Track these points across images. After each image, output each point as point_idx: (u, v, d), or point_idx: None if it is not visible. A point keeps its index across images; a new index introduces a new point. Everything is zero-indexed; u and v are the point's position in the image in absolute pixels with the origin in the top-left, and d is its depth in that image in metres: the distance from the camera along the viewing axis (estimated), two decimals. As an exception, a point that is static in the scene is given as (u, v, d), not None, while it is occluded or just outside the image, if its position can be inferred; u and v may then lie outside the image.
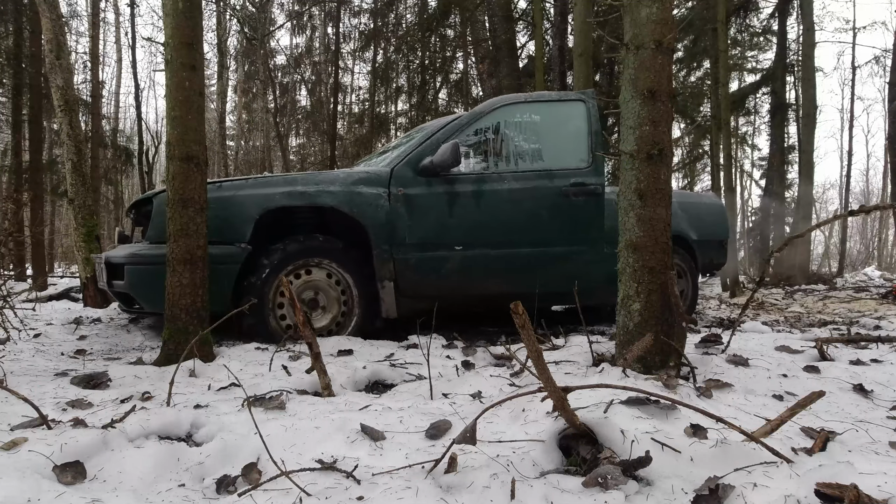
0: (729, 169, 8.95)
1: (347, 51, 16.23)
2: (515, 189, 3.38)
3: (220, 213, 2.92)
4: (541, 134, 3.52)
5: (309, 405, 1.77)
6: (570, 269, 3.40)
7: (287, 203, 3.03)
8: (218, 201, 2.94)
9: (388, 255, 3.17)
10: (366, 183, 3.21)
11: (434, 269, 3.27)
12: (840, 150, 29.63)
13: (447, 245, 3.28)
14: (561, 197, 3.41)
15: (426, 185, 3.27)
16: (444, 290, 3.31)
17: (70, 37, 14.66)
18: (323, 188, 3.11)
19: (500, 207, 3.35)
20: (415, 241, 3.21)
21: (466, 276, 3.32)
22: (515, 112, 3.52)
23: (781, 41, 12.54)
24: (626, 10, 2.14)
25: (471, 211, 3.32)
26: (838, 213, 13.83)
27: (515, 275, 3.39)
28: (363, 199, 3.15)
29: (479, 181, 3.36)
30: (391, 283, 3.19)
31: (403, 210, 3.20)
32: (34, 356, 2.73)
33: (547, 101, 3.61)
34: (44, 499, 1.11)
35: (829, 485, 1.07)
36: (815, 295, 7.23)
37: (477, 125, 3.46)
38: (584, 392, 1.52)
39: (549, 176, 3.44)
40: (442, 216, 3.27)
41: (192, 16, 2.48)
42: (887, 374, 2.09)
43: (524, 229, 3.38)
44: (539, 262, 3.40)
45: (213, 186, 2.98)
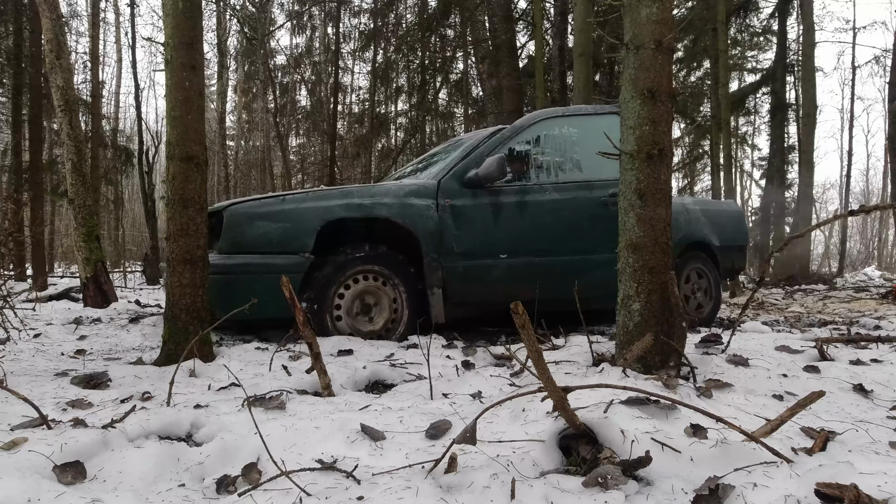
0: (729, 169, 8.95)
1: (347, 51, 16.24)
2: (557, 199, 3.55)
3: (284, 224, 3.06)
4: (579, 146, 3.69)
5: (309, 405, 1.77)
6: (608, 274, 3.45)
7: (346, 214, 3.15)
8: (282, 214, 3.08)
9: (437, 263, 3.30)
10: (416, 195, 3.35)
11: (480, 277, 3.40)
12: (840, 150, 29.65)
13: (492, 254, 3.42)
14: (601, 207, 3.57)
15: (472, 197, 3.42)
16: (490, 297, 3.46)
17: (70, 37, 14.66)
18: (378, 200, 3.25)
19: (542, 217, 3.51)
20: (462, 250, 3.35)
21: (511, 283, 3.44)
22: (554, 125, 3.71)
23: (781, 41, 12.55)
24: (626, 10, 2.14)
25: (515, 221, 3.47)
26: (838, 212, 13.84)
27: (557, 281, 3.49)
28: (414, 210, 3.28)
29: (522, 192, 3.52)
30: (440, 290, 3.31)
31: (451, 220, 3.34)
32: (34, 356, 2.73)
33: (584, 115, 3.81)
34: (44, 499, 1.11)
35: (829, 485, 1.07)
36: (815, 295, 7.23)
37: (519, 138, 3.62)
38: (584, 392, 1.52)
39: (588, 187, 3.62)
40: (487, 226, 3.42)
41: (192, 16, 2.48)
42: (887, 374, 2.09)
43: (566, 238, 3.54)
44: (580, 269, 3.51)
45: (277, 200, 3.17)
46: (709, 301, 4.31)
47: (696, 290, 4.24)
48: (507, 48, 9.53)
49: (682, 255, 4.10)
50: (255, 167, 20.28)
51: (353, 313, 3.21)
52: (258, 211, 3.10)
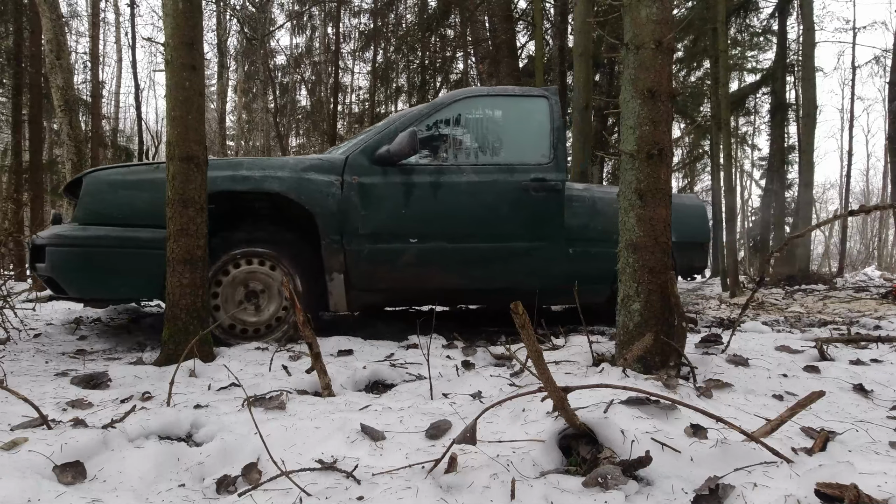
0: (729, 169, 8.95)
1: (347, 51, 16.25)
2: (474, 182, 3.29)
3: (153, 194, 2.72)
4: (502, 128, 3.46)
5: (309, 405, 1.77)
6: (527, 265, 3.36)
7: (230, 188, 2.86)
8: (153, 183, 2.77)
9: (338, 245, 3.03)
10: (317, 170, 3.06)
11: (388, 262, 3.15)
12: (840, 150, 29.67)
13: (402, 237, 3.15)
14: (520, 192, 3.33)
15: (382, 175, 3.15)
16: (398, 284, 3.21)
17: (70, 37, 14.66)
18: (269, 173, 2.96)
19: (457, 200, 3.24)
20: (368, 231, 3.08)
21: (421, 269, 3.20)
22: (477, 105, 3.44)
23: (781, 41, 12.55)
24: (626, 10, 2.14)
25: (427, 203, 3.20)
26: (838, 213, 13.85)
27: (472, 269, 3.29)
28: (313, 186, 2.99)
29: (437, 172, 3.25)
30: (341, 275, 3.06)
31: (357, 199, 3.07)
32: (34, 356, 2.73)
33: (510, 96, 3.56)
34: (44, 499, 1.11)
35: (830, 485, 1.07)
36: (815, 295, 7.23)
37: (437, 116, 3.36)
38: (584, 392, 1.52)
39: (509, 170, 3.36)
40: (397, 207, 3.15)
41: (192, 16, 2.48)
42: (887, 374, 2.09)
43: (482, 223, 3.28)
44: (496, 258, 3.32)
45: (150, 167, 2.87)
46: None
47: None
48: (506, 48, 9.53)
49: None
50: (255, 167, 20.23)
51: (236, 302, 2.94)
52: (125, 178, 2.81)
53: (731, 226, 8.94)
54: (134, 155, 12.58)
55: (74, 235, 2.72)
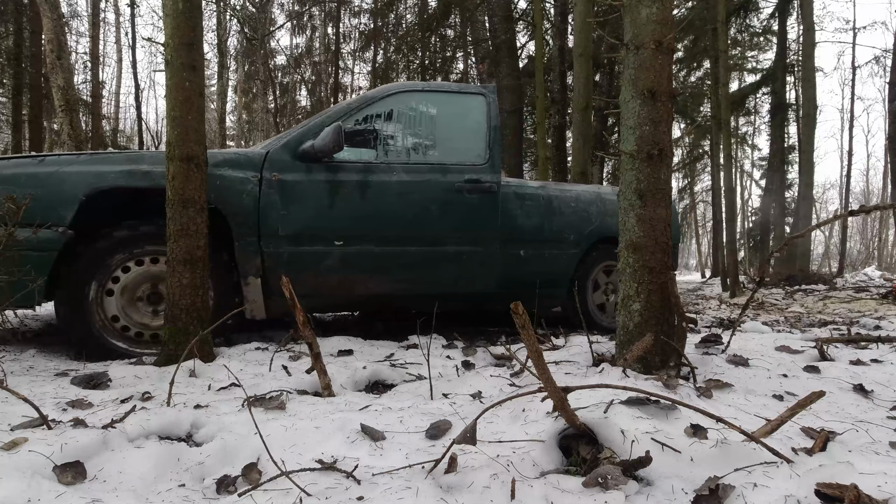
0: (729, 169, 8.95)
1: (347, 51, 16.26)
2: (405, 181, 3.12)
3: (39, 191, 2.52)
4: (437, 126, 3.30)
5: (309, 405, 1.77)
6: (459, 269, 3.23)
7: (124, 184, 2.62)
8: (34, 177, 2.55)
9: (254, 248, 2.83)
10: (232, 165, 2.84)
11: (310, 266, 2.95)
12: (840, 150, 29.67)
13: (326, 239, 2.97)
14: (453, 193, 3.18)
15: (305, 172, 2.96)
16: (322, 289, 3.03)
17: (70, 37, 14.67)
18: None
19: (386, 200, 3.07)
20: (288, 233, 2.89)
21: (347, 274, 3.03)
22: (411, 100, 3.27)
23: (781, 41, 12.56)
24: (626, 10, 2.14)
25: (354, 203, 3.02)
26: (838, 213, 13.84)
27: (401, 274, 3.15)
28: (225, 182, 2.79)
29: (366, 171, 3.07)
30: (258, 279, 2.86)
31: (277, 198, 2.87)
32: (34, 356, 2.73)
33: (446, 92, 3.42)
34: (44, 499, 1.11)
35: (830, 485, 1.07)
36: (815, 295, 7.23)
37: (368, 111, 3.17)
38: (585, 392, 1.52)
39: (442, 170, 3.20)
40: (321, 207, 2.96)
41: (192, 16, 2.48)
42: (887, 374, 2.09)
43: (412, 225, 3.12)
44: (427, 262, 3.17)
45: (33, 161, 2.64)
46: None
47: (609, 292, 3.84)
48: (507, 48, 9.53)
49: (590, 253, 3.69)
50: (255, 167, 20.26)
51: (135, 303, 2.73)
52: (2, 173, 2.57)
53: (731, 226, 8.95)
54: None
55: None
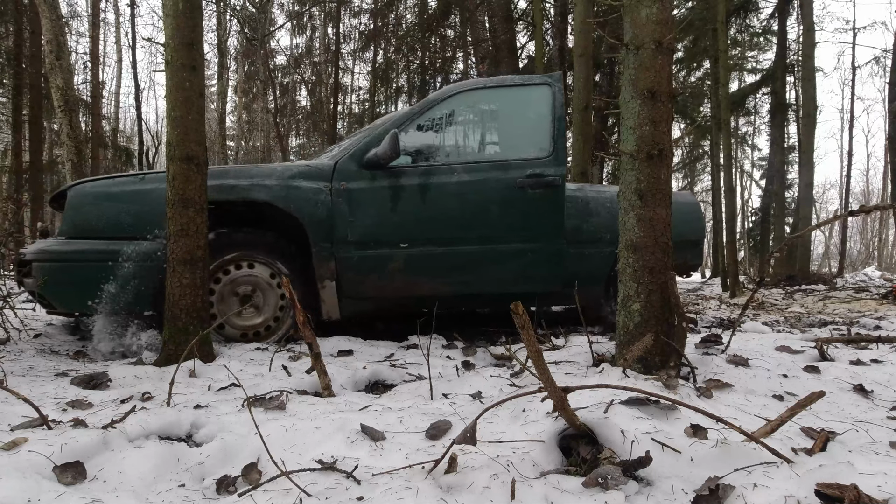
0: (729, 169, 8.96)
1: (347, 51, 16.26)
2: (465, 182, 3.14)
3: (140, 206, 2.75)
4: (499, 122, 3.34)
5: (309, 405, 1.77)
6: (522, 268, 3.20)
7: (216, 197, 2.79)
8: (137, 195, 2.77)
9: (328, 253, 2.98)
10: (305, 177, 3.00)
11: (377, 269, 3.07)
12: (840, 151, 29.69)
13: (391, 243, 3.06)
14: (515, 189, 3.15)
15: (370, 179, 3.06)
16: (389, 291, 3.13)
17: (70, 37, 14.67)
18: (257, 182, 2.91)
19: (447, 202, 3.12)
20: (357, 238, 3.02)
21: (412, 275, 3.11)
22: (472, 99, 3.32)
23: (781, 41, 12.55)
24: (626, 10, 2.14)
25: (417, 206, 3.10)
26: (838, 213, 13.84)
27: (463, 275, 3.17)
28: (301, 193, 2.95)
29: (427, 174, 3.13)
30: (332, 282, 3.01)
31: (345, 206, 3.00)
32: (34, 356, 2.73)
33: (509, 87, 3.36)
34: (44, 499, 1.11)
35: (830, 485, 1.07)
36: (815, 295, 7.23)
37: (429, 114, 3.22)
38: (585, 392, 1.52)
39: (503, 167, 3.19)
40: (386, 211, 3.06)
41: (192, 16, 2.48)
42: (887, 375, 2.09)
43: (473, 225, 3.14)
44: (489, 261, 3.17)
45: (135, 179, 2.85)
46: None
47: None
48: (507, 48, 9.53)
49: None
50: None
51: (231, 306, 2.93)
52: (108, 191, 2.78)
53: (732, 226, 8.95)
54: (134, 155, 12.58)
55: (60, 250, 2.69)
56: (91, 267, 2.68)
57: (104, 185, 2.84)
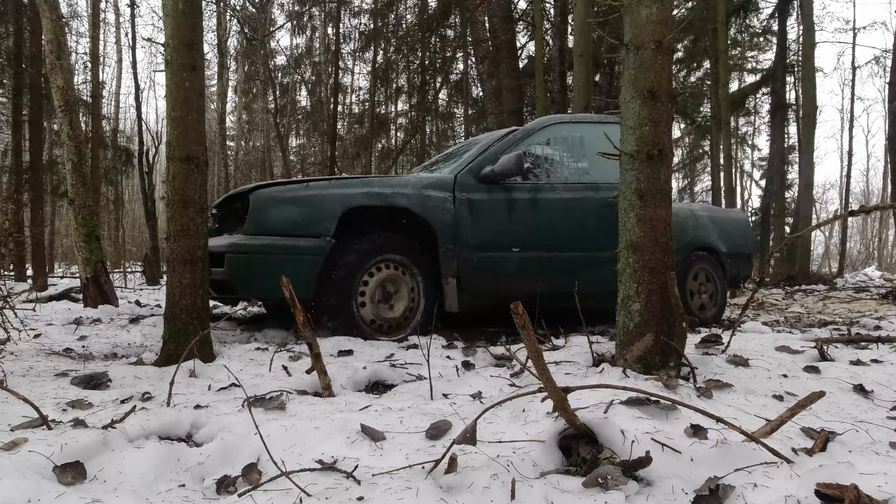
0: (729, 169, 8.95)
1: (347, 51, 16.25)
2: (566, 198, 3.74)
3: (308, 209, 3.19)
4: (586, 150, 3.91)
5: (309, 405, 1.77)
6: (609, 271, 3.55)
7: (366, 202, 3.26)
8: (306, 199, 3.20)
9: (452, 254, 3.42)
10: (434, 187, 3.47)
11: (493, 269, 3.53)
12: (840, 151, 29.68)
13: (505, 247, 3.56)
14: (605, 207, 3.71)
15: (487, 192, 3.56)
16: (501, 288, 3.57)
17: (70, 37, 14.67)
18: (398, 190, 3.37)
19: (553, 214, 3.68)
20: (476, 242, 3.47)
21: (521, 276, 3.58)
22: (562, 130, 3.94)
23: (781, 41, 12.55)
24: (626, 10, 2.14)
25: (526, 216, 3.63)
26: (838, 213, 13.82)
27: (564, 276, 3.60)
28: (432, 201, 3.41)
29: (534, 190, 3.69)
30: (454, 279, 3.43)
31: (466, 213, 3.47)
32: (34, 356, 2.72)
33: (589, 122, 4.06)
34: (44, 499, 1.11)
35: (830, 485, 1.07)
36: (815, 295, 7.23)
37: (531, 140, 3.83)
38: (585, 392, 1.52)
39: (594, 188, 3.81)
40: (501, 220, 3.57)
41: (192, 16, 2.48)
42: (887, 375, 2.09)
43: (573, 235, 3.70)
44: (586, 265, 3.68)
45: (302, 185, 3.28)
46: (713, 305, 4.43)
47: (701, 290, 4.40)
48: (507, 49, 9.53)
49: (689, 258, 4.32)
50: (255, 167, 20.29)
51: (376, 300, 3.31)
52: (283, 195, 3.21)
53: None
54: (134, 155, 12.57)
55: (248, 244, 3.11)
56: (272, 259, 3.12)
57: (280, 191, 3.25)
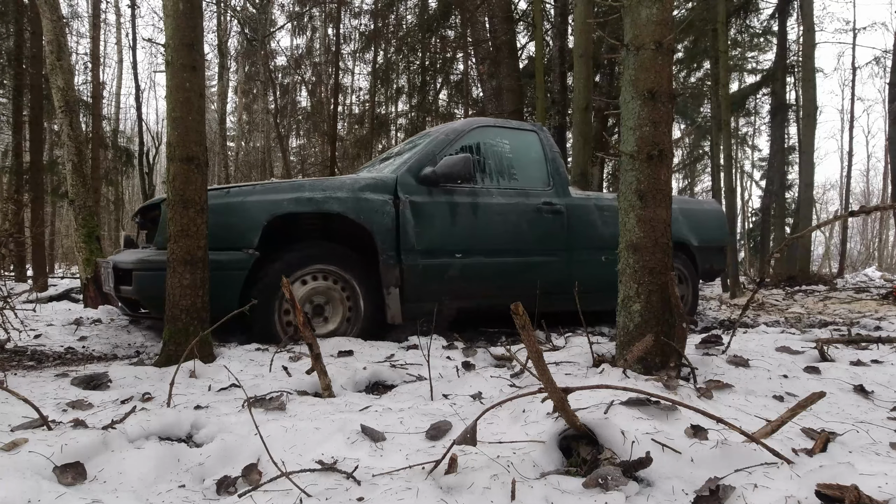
0: (729, 170, 8.95)
1: (348, 52, 16.24)
2: (503, 203, 3.63)
3: (228, 219, 2.91)
4: (513, 157, 3.82)
5: (309, 406, 1.77)
6: (543, 275, 3.70)
7: (295, 209, 3.03)
8: (225, 207, 2.93)
9: (394, 261, 3.22)
10: (372, 189, 3.24)
11: (437, 276, 3.38)
12: (840, 151, 29.69)
13: (449, 252, 3.41)
14: (536, 213, 3.72)
15: (428, 194, 3.39)
16: (445, 296, 3.44)
17: (71, 38, 14.68)
18: (330, 194, 3.12)
19: (492, 219, 3.56)
20: (422, 247, 3.31)
21: (464, 282, 3.46)
22: (489, 134, 3.79)
23: (781, 42, 12.55)
24: (627, 10, 2.14)
25: (468, 221, 3.48)
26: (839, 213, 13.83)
27: (503, 281, 3.58)
28: (370, 205, 3.18)
29: (473, 194, 3.55)
30: (397, 289, 3.24)
31: (410, 217, 3.28)
32: (34, 356, 2.72)
33: (510, 129, 3.94)
34: (44, 499, 1.11)
35: (830, 486, 1.07)
36: (815, 295, 7.23)
37: (462, 141, 3.67)
38: (585, 393, 1.52)
39: (525, 194, 3.74)
40: (445, 224, 3.40)
41: (192, 17, 2.48)
42: (888, 375, 2.09)
43: (511, 240, 3.62)
44: (522, 270, 3.65)
45: (221, 192, 2.99)
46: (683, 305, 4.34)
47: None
48: (507, 49, 9.52)
49: None
50: (255, 168, 20.28)
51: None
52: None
53: (732, 226, 8.94)
54: (134, 155, 12.57)
55: (158, 260, 2.77)
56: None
57: None
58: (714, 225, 4.56)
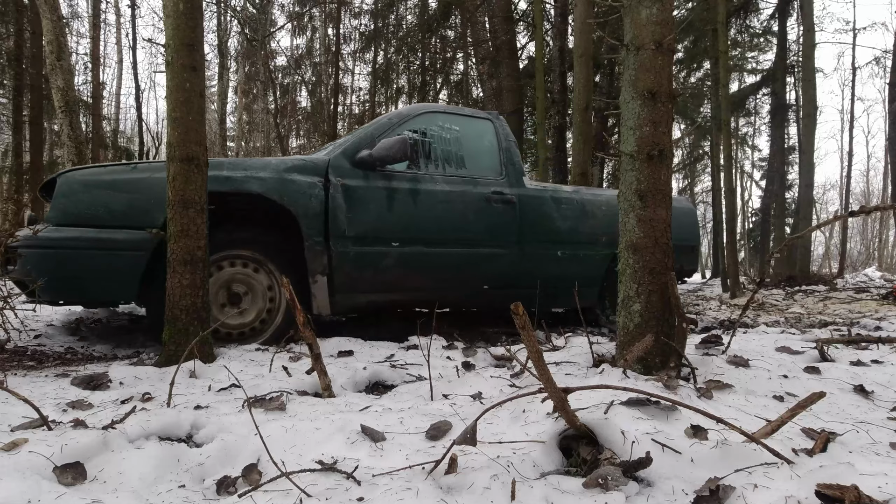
0: (729, 170, 8.95)
1: (348, 52, 16.26)
2: (447, 191, 3.44)
3: (132, 195, 2.71)
4: (462, 144, 3.65)
5: (309, 406, 1.77)
6: (492, 269, 3.57)
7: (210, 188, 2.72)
8: (130, 183, 2.72)
9: (321, 247, 3.01)
10: (300, 171, 3.02)
11: (372, 265, 3.18)
12: (840, 151, 29.70)
13: (385, 240, 3.20)
14: (485, 202, 3.54)
15: (364, 178, 3.18)
16: (380, 287, 3.25)
17: (71, 38, 14.68)
18: (251, 174, 2.89)
19: (435, 206, 3.37)
20: (354, 234, 3.08)
21: (402, 273, 3.27)
22: (438, 120, 3.61)
23: (781, 42, 12.56)
24: (627, 10, 2.14)
25: (407, 207, 3.28)
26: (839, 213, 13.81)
27: (447, 273, 3.42)
28: (295, 186, 2.95)
29: (414, 180, 3.35)
30: (324, 277, 3.03)
31: (342, 201, 3.06)
32: (34, 356, 2.72)
33: (462, 116, 3.77)
34: (44, 500, 1.11)
35: (830, 486, 1.07)
36: (815, 296, 7.23)
37: (407, 126, 3.47)
38: (585, 393, 1.52)
39: (473, 182, 3.57)
40: (381, 210, 3.19)
41: (192, 17, 2.48)
42: (888, 375, 2.09)
43: (455, 229, 3.43)
44: (467, 262, 3.48)
45: (127, 168, 2.80)
46: None
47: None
48: (507, 49, 9.53)
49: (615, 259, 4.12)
50: (255, 168, 20.26)
51: (219, 304, 2.90)
52: (100, 178, 2.71)
53: (732, 226, 8.95)
54: (135, 155, 12.58)
55: (47, 237, 2.58)
56: (79, 255, 2.62)
57: (96, 173, 2.76)
58: (686, 224, 4.40)
